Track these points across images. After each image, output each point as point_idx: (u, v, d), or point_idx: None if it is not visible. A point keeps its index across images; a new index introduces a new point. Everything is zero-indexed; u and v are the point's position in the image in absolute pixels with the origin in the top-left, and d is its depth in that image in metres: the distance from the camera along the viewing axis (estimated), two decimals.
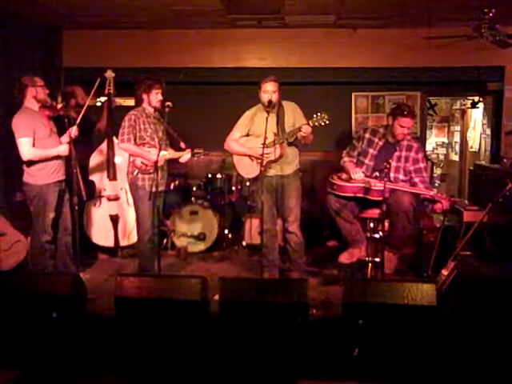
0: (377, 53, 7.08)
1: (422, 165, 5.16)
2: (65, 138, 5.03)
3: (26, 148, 4.87)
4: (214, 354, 3.52)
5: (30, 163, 4.95)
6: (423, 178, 5.12)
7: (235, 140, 5.35)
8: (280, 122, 5.15)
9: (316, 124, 4.90)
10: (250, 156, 5.28)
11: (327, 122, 4.91)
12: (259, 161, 5.02)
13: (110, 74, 6.07)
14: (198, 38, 7.12)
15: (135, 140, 5.12)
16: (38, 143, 4.92)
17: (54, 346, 3.65)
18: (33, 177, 5.01)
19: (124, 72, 6.31)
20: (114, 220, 6.21)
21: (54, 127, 5.16)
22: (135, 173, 5.11)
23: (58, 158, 5.05)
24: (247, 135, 5.32)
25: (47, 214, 5.05)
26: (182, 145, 5.41)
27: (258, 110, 5.23)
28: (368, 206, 5.08)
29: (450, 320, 3.82)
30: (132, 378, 3.56)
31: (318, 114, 4.91)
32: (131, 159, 5.16)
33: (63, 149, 4.97)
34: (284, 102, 5.23)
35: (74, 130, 4.97)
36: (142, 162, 5.06)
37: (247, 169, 5.35)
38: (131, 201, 5.88)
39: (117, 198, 6.24)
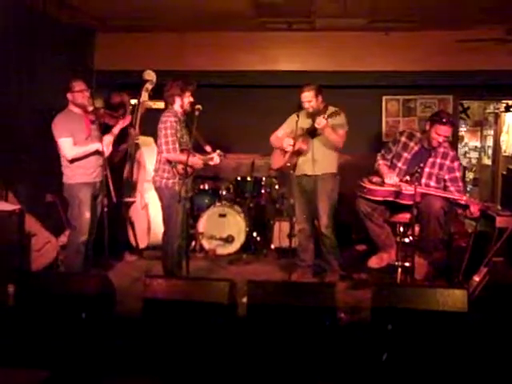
0: (408, 56, 7.02)
1: (457, 174, 5.07)
2: (101, 144, 5.08)
3: (68, 148, 4.96)
4: (241, 356, 3.51)
5: (69, 163, 5.02)
6: (459, 187, 5.04)
7: (277, 137, 5.51)
8: (312, 125, 5.19)
9: (331, 117, 5.00)
10: (280, 148, 5.43)
11: (338, 114, 5.06)
12: (287, 154, 5.25)
13: (150, 76, 6.08)
14: (227, 40, 7.15)
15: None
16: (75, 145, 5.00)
17: (82, 346, 3.67)
18: (68, 177, 5.10)
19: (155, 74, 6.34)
20: (131, 223, 6.27)
21: (95, 131, 5.18)
22: (176, 179, 5.06)
23: (93, 158, 5.11)
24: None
25: (83, 213, 5.09)
26: (208, 148, 5.39)
27: (302, 112, 5.32)
28: (398, 210, 5.03)
29: (482, 326, 3.75)
30: (160, 379, 3.56)
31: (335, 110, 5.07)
32: (172, 165, 5.03)
33: (101, 146, 5.01)
34: (331, 107, 5.25)
35: (108, 140, 5.07)
36: (182, 169, 5.01)
37: (276, 160, 5.54)
38: (143, 204, 5.96)
39: (133, 202, 6.34)
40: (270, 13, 6.13)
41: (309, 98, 5.20)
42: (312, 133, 5.23)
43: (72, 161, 5.02)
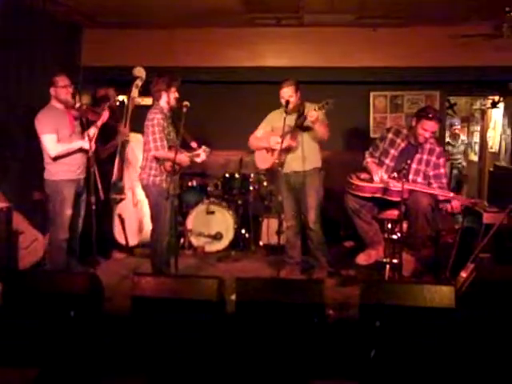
0: (396, 52, 7.03)
1: (442, 170, 5.10)
2: (85, 141, 5.04)
3: (51, 144, 4.94)
4: (230, 354, 3.51)
5: (52, 160, 4.99)
6: (442, 184, 5.07)
7: (257, 137, 5.47)
8: (300, 119, 5.17)
9: (321, 109, 4.92)
10: (266, 148, 5.38)
11: (329, 105, 4.90)
12: (274, 152, 5.18)
13: (140, 73, 6.06)
14: (216, 36, 7.12)
15: None
16: (58, 142, 4.97)
17: (71, 344, 3.66)
18: (51, 173, 5.09)
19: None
20: (121, 220, 6.23)
21: (79, 127, 5.17)
22: (163, 176, 5.05)
23: (78, 155, 5.08)
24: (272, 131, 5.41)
25: (65, 210, 5.09)
26: (194, 144, 5.40)
27: (280, 112, 5.25)
28: (386, 206, 5.04)
29: (469, 323, 3.77)
30: (148, 377, 3.56)
31: (324, 100, 4.94)
32: (159, 163, 5.03)
33: (85, 143, 4.97)
34: (307, 104, 5.23)
35: (92, 132, 5.02)
36: (170, 166, 5.01)
37: (263, 160, 5.49)
38: (135, 201, 5.94)
39: (122, 199, 6.28)
40: (259, 8, 6.12)
41: (289, 93, 5.18)
42: (301, 127, 5.21)
43: (55, 158, 4.99)
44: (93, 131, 5.16)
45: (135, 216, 6.18)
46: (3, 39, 5.53)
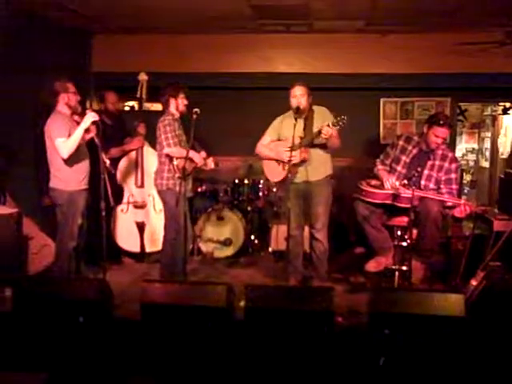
0: (406, 58, 7.00)
1: (453, 175, 5.07)
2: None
3: (64, 146, 4.93)
4: (238, 360, 3.51)
5: (61, 168, 5.01)
6: (451, 189, 5.04)
7: (265, 145, 5.37)
8: (308, 126, 5.15)
9: (335, 125, 4.86)
10: (276, 160, 5.29)
11: (345, 122, 4.85)
12: (285, 165, 5.06)
13: (142, 77, 6.10)
14: (226, 42, 7.13)
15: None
16: None
17: (80, 350, 3.67)
18: (64, 182, 5.07)
19: (152, 76, 6.32)
20: (140, 227, 6.22)
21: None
22: (176, 178, 5.09)
23: (84, 165, 5.11)
24: (279, 140, 5.33)
25: (76, 220, 5.11)
26: (203, 154, 5.40)
27: (289, 115, 5.24)
28: (396, 213, 5.03)
29: (479, 331, 3.75)
30: (157, 383, 3.56)
31: (338, 117, 4.88)
32: (174, 163, 5.11)
33: (85, 123, 4.94)
34: (315, 107, 5.23)
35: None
36: (183, 165, 5.04)
37: (274, 173, 5.38)
38: (158, 207, 5.92)
39: (143, 205, 6.26)
40: (269, 15, 6.12)
41: (301, 91, 5.11)
42: (312, 143, 5.13)
43: (67, 160, 4.99)
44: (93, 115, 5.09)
45: (159, 222, 6.03)
46: (11, 47, 5.56)
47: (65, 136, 4.93)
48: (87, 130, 5.05)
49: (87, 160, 5.17)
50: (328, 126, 4.85)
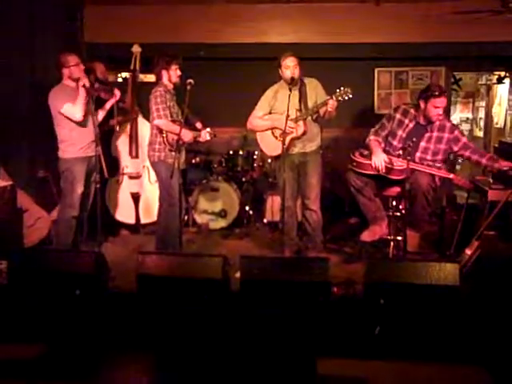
0: (400, 27, 6.92)
1: (463, 139, 5.03)
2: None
3: (73, 110, 4.96)
4: (235, 331, 3.53)
5: (64, 138, 5.06)
6: (473, 149, 5.02)
7: (258, 117, 5.32)
8: (303, 98, 5.13)
9: (340, 98, 4.86)
10: (273, 133, 5.27)
11: (350, 96, 4.90)
12: (282, 138, 4.98)
13: (136, 49, 6.05)
14: (219, 13, 7.04)
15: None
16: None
17: (76, 322, 3.69)
18: (62, 151, 5.12)
19: (146, 47, 6.28)
20: (135, 198, 6.22)
21: (90, 105, 5.15)
22: (167, 150, 5.08)
23: (87, 132, 5.10)
24: (270, 113, 5.29)
25: (75, 188, 5.11)
26: (198, 125, 5.38)
27: (281, 87, 5.20)
28: (389, 184, 5.02)
29: (473, 300, 3.78)
30: (154, 354, 3.59)
31: (342, 88, 4.89)
32: (164, 135, 5.09)
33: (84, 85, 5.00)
34: (306, 79, 5.20)
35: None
36: (172, 139, 5.03)
37: (271, 147, 5.33)
38: (153, 179, 5.91)
39: (138, 176, 6.24)
40: None
41: (295, 62, 5.07)
42: (314, 115, 5.14)
43: (60, 139, 4.99)
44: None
45: (154, 193, 5.98)
46: (3, 20, 5.48)
47: (69, 101, 4.93)
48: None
49: (91, 128, 5.12)
50: (332, 98, 4.84)
